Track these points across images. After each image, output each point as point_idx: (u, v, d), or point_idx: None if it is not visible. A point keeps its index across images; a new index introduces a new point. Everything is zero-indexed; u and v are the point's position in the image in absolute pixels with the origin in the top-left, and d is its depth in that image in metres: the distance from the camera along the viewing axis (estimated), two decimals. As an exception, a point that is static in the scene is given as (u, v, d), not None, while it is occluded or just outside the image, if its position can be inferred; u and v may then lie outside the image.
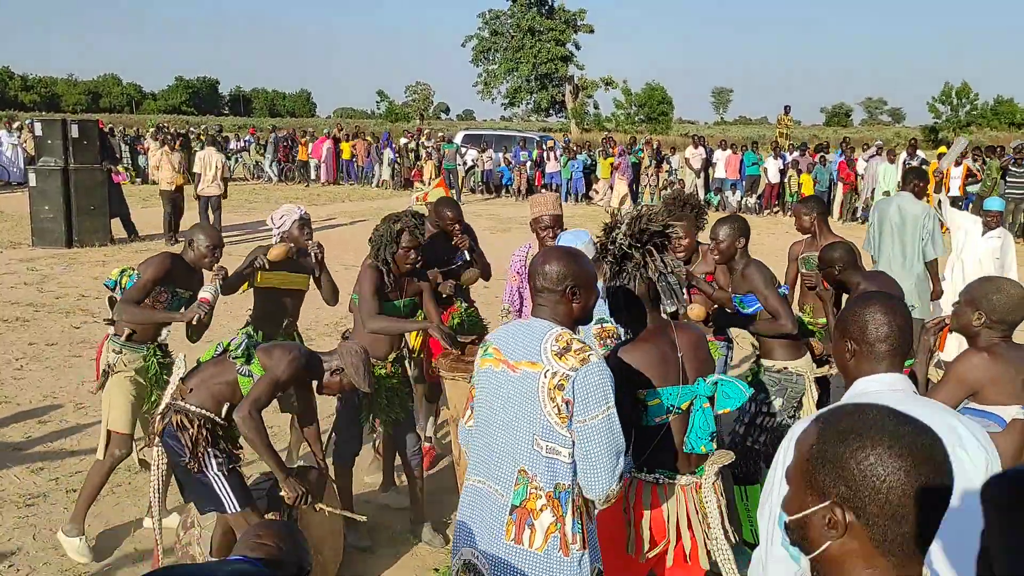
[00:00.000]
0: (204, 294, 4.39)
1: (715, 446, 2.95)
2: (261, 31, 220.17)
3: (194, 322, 4.35)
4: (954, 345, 5.67)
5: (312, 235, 5.06)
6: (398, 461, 4.95)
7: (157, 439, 3.80)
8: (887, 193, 16.47)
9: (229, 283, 4.71)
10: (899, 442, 1.27)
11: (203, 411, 3.78)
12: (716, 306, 4.70)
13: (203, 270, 4.62)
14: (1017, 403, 2.87)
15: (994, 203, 7.33)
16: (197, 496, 3.84)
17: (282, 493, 3.80)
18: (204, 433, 3.75)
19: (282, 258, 4.89)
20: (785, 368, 4.35)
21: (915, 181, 6.87)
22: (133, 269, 4.61)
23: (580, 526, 2.52)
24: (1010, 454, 2.86)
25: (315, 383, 3.97)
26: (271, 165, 27.00)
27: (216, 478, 3.74)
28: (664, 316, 3.04)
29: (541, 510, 2.49)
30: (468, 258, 5.46)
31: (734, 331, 5.23)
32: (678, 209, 5.06)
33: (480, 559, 2.60)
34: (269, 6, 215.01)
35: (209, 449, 3.75)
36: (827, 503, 1.31)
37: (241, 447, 4.02)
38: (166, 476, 3.97)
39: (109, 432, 4.51)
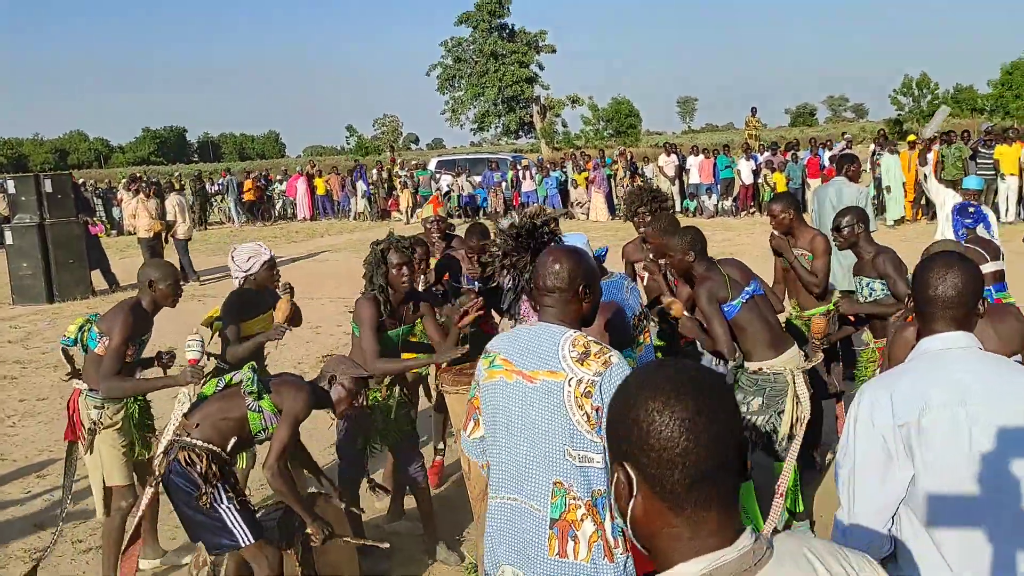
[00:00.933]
0: (191, 354, 4.14)
1: None
2: (226, 77, 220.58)
3: (190, 392, 4.14)
4: None
5: (279, 275, 4.98)
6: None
7: (158, 478, 3.76)
8: (889, 188, 16.71)
9: (248, 349, 4.68)
10: (658, 385, 1.22)
11: (210, 446, 3.75)
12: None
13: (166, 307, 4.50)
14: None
15: (972, 182, 7.47)
16: (208, 533, 3.77)
17: (309, 532, 3.81)
18: (213, 468, 3.72)
19: (289, 314, 4.82)
20: (760, 369, 4.36)
21: (847, 166, 7.34)
22: (89, 322, 4.46)
23: (619, 529, 2.45)
24: None
25: (329, 405, 4.00)
26: (236, 207, 26.86)
27: (227, 511, 3.70)
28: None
29: (582, 520, 2.43)
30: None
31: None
32: (643, 203, 5.15)
33: None
34: (233, 52, 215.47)
35: (219, 483, 3.72)
36: (616, 463, 1.27)
37: (239, 482, 4.00)
38: (154, 516, 3.89)
39: (108, 489, 4.43)
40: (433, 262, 5.59)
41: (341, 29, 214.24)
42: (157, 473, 3.78)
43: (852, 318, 5.05)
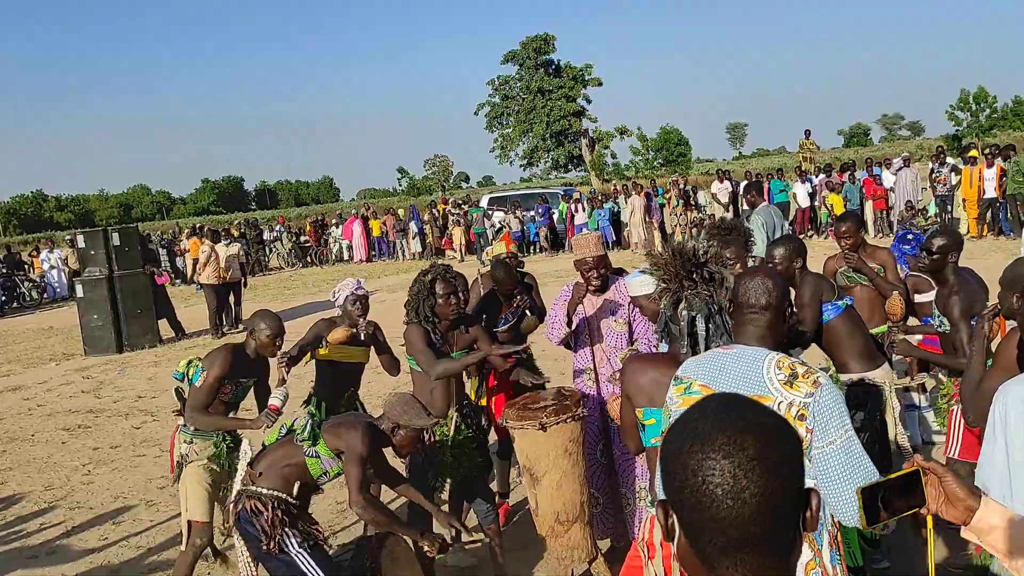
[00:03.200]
0: (274, 401, 4.37)
1: None
2: (279, 126, 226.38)
3: (264, 431, 4.31)
4: None
5: (366, 311, 5.09)
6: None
7: (234, 527, 3.82)
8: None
9: (292, 357, 4.77)
10: (706, 434, 1.11)
11: (275, 493, 3.79)
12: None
13: (268, 357, 4.69)
14: None
15: None
16: (283, 577, 3.82)
17: (424, 547, 3.88)
18: (279, 515, 3.76)
19: (343, 340, 4.94)
20: (861, 380, 4.25)
21: (750, 194, 7.86)
22: (199, 359, 4.69)
23: (838, 557, 2.37)
24: None
25: (390, 447, 4.01)
26: (288, 253, 27.95)
27: (298, 555, 3.74)
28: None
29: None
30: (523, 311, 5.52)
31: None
32: (724, 235, 5.07)
33: None
34: (286, 101, 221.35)
35: (286, 529, 3.76)
36: (659, 501, 1.20)
37: (317, 522, 4.03)
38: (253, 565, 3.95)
39: (189, 523, 4.53)
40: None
41: (389, 73, 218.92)
42: (230, 523, 3.84)
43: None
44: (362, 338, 5.03)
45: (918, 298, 6.12)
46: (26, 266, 25.23)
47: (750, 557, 1.09)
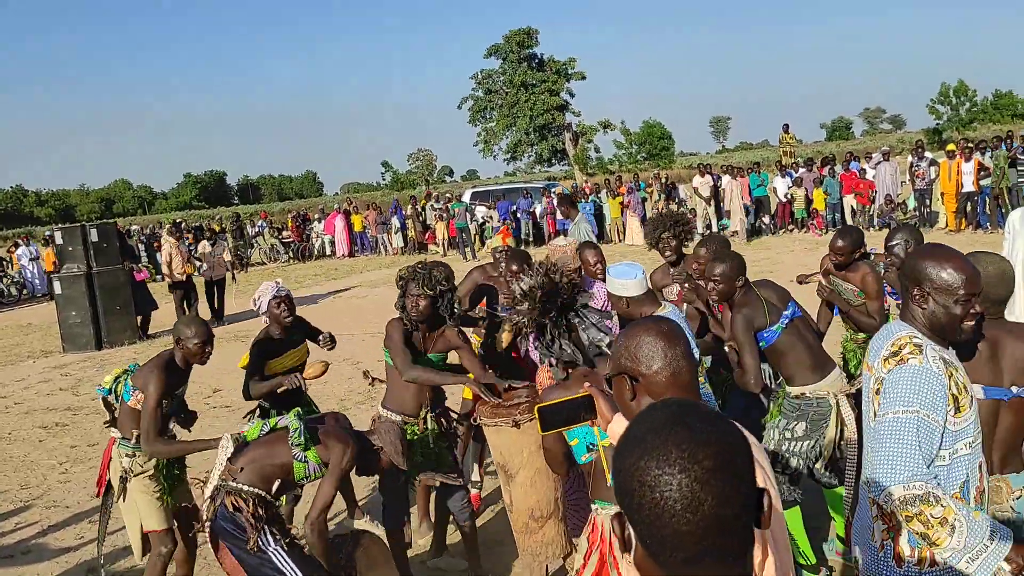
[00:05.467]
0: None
1: None
2: (262, 120, 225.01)
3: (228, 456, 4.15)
4: None
5: (292, 311, 5.06)
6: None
7: (207, 525, 3.80)
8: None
9: (261, 390, 4.82)
10: (660, 447, 1.12)
11: (255, 490, 3.79)
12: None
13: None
14: (979, 382, 2.74)
15: None
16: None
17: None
18: (260, 511, 3.76)
19: (321, 374, 5.00)
20: (803, 394, 4.24)
21: (563, 207, 8.78)
22: (126, 373, 4.56)
23: (918, 542, 2.39)
24: (1008, 427, 2.79)
25: (375, 471, 4.14)
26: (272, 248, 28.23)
27: (276, 553, 3.74)
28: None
29: (876, 518, 2.52)
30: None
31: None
32: (666, 229, 5.12)
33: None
34: (269, 95, 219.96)
35: (266, 527, 3.75)
36: (616, 514, 1.21)
37: (285, 522, 4.04)
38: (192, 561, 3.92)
39: (146, 535, 4.48)
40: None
41: (373, 67, 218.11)
42: (204, 518, 3.82)
43: None
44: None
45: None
46: (4, 262, 24.99)
47: (710, 562, 1.11)
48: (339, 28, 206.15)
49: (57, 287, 13.99)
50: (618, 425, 2.15)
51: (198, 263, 15.60)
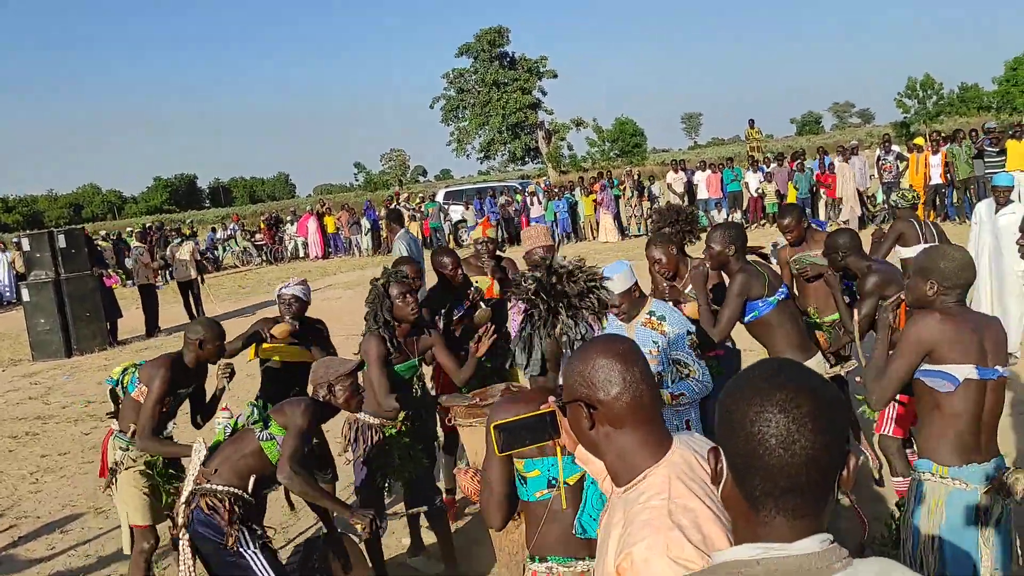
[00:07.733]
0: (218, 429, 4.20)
1: None
2: (233, 122, 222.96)
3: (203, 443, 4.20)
4: None
5: (293, 311, 5.16)
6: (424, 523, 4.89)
7: (184, 531, 3.76)
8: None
9: (231, 348, 4.79)
10: (766, 390, 1.23)
11: (231, 489, 3.76)
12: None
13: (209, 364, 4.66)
14: (971, 362, 2.86)
15: (1003, 179, 7.17)
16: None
17: (355, 524, 3.80)
18: (236, 511, 3.73)
19: (284, 336, 4.98)
20: None
21: (389, 222, 8.99)
22: (135, 367, 4.61)
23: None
24: (969, 412, 2.88)
25: (334, 414, 4.06)
26: (244, 251, 27.96)
27: (253, 556, 3.72)
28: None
29: None
30: (473, 301, 5.47)
31: (746, 340, 5.18)
32: (668, 223, 5.12)
33: None
34: (239, 97, 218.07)
35: (242, 527, 3.73)
36: (712, 448, 1.33)
37: (268, 527, 4.00)
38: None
39: (132, 528, 4.48)
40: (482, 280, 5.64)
41: (344, 67, 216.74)
42: (181, 524, 3.78)
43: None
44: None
45: (903, 252, 6.33)
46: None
47: (791, 502, 1.21)
48: (310, 29, 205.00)
49: (25, 294, 13.79)
50: (585, 454, 1.86)
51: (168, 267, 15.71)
